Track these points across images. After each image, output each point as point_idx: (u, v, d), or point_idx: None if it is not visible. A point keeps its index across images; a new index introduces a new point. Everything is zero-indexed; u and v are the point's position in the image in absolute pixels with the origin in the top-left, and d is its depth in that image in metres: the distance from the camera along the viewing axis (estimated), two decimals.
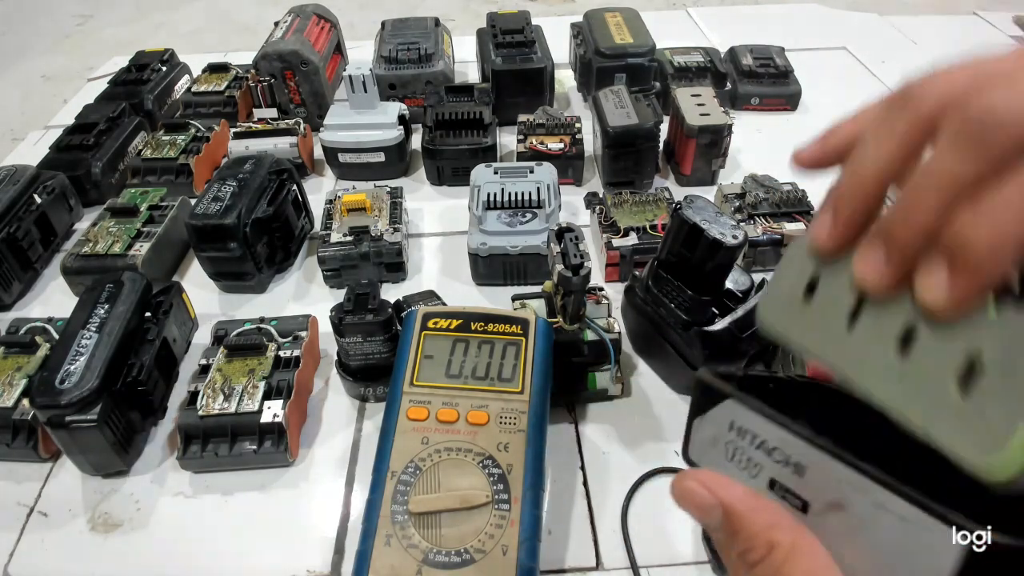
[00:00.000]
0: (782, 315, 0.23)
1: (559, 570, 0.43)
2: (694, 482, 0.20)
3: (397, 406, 0.42)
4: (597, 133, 0.74)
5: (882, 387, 0.19)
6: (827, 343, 0.21)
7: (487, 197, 0.64)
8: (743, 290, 0.50)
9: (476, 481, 0.39)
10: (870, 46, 1.05)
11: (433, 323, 0.45)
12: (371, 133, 0.76)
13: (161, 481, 0.49)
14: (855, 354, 0.20)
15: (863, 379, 0.20)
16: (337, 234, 0.63)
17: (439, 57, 0.87)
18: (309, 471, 0.50)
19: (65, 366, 0.46)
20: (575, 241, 0.47)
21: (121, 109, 0.80)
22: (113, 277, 0.53)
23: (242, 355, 0.52)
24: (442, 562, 0.36)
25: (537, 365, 0.44)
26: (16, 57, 1.22)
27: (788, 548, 0.19)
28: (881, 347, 0.19)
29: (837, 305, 0.21)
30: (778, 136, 0.85)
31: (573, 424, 0.52)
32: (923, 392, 0.19)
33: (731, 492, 0.20)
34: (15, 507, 0.48)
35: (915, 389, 0.19)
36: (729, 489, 0.20)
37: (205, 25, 1.32)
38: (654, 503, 0.47)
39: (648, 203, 0.66)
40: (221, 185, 0.63)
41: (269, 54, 0.81)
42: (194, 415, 0.48)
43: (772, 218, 0.63)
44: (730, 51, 0.93)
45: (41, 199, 0.67)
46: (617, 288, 0.60)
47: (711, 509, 0.20)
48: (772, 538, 0.19)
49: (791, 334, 0.22)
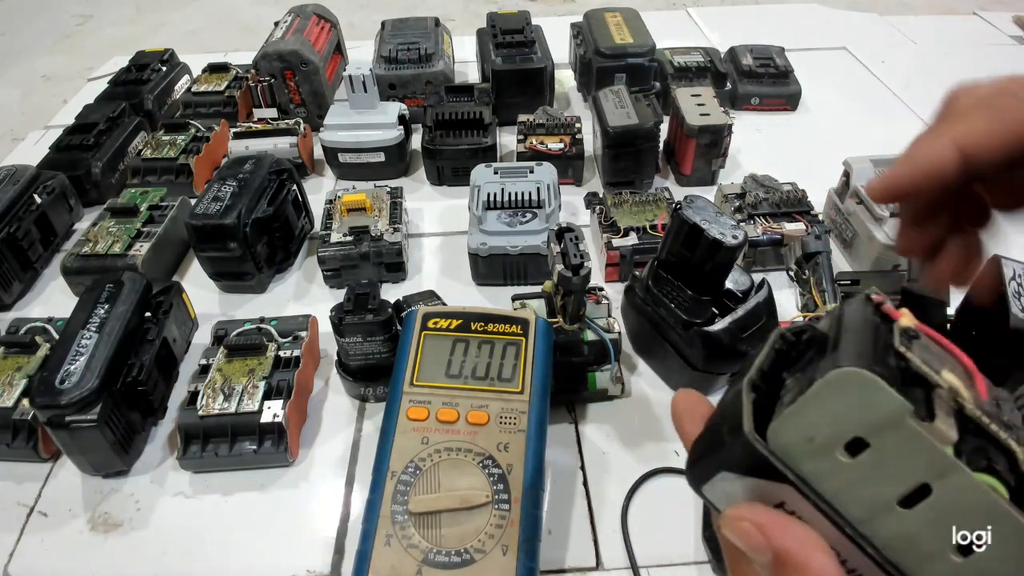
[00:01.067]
0: (802, 449, 0.18)
1: (559, 570, 0.43)
2: (748, 523, 0.19)
3: (397, 406, 0.42)
4: (597, 133, 0.74)
5: (880, 530, 0.18)
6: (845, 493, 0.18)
7: (487, 197, 0.64)
8: (743, 290, 0.50)
9: (476, 481, 0.39)
10: (870, 46, 1.05)
11: (433, 323, 0.45)
12: (371, 133, 0.76)
13: (161, 481, 0.49)
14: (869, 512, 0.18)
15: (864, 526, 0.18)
16: (337, 234, 0.63)
17: (439, 57, 0.87)
18: (309, 471, 0.50)
19: (65, 366, 0.46)
20: (575, 241, 0.47)
21: (121, 109, 0.80)
22: (113, 277, 0.53)
23: (242, 355, 0.52)
24: (442, 562, 0.36)
25: (537, 365, 0.44)
26: (16, 57, 1.22)
27: None
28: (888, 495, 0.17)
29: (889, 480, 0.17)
30: (778, 136, 0.85)
31: (573, 424, 0.52)
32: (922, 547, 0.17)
33: (785, 539, 0.18)
34: (15, 507, 0.48)
35: (915, 543, 0.17)
36: (784, 535, 0.18)
37: (205, 25, 1.32)
38: (654, 503, 0.47)
39: (648, 203, 0.66)
40: (221, 185, 0.63)
41: (269, 54, 0.81)
42: (194, 415, 0.48)
43: (772, 218, 0.63)
44: (730, 51, 0.93)
45: (41, 199, 0.67)
46: (617, 288, 0.60)
47: (760, 551, 0.19)
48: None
49: (802, 466, 0.18)
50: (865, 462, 0.17)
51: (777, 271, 0.64)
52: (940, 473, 0.16)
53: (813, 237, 0.61)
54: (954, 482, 0.16)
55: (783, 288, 0.62)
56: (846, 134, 0.84)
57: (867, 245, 0.61)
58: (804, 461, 0.18)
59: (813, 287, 0.58)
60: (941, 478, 0.16)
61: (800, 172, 0.68)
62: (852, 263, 0.65)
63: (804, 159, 0.78)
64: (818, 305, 0.57)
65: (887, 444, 0.17)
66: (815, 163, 0.71)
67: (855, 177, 0.64)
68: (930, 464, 0.16)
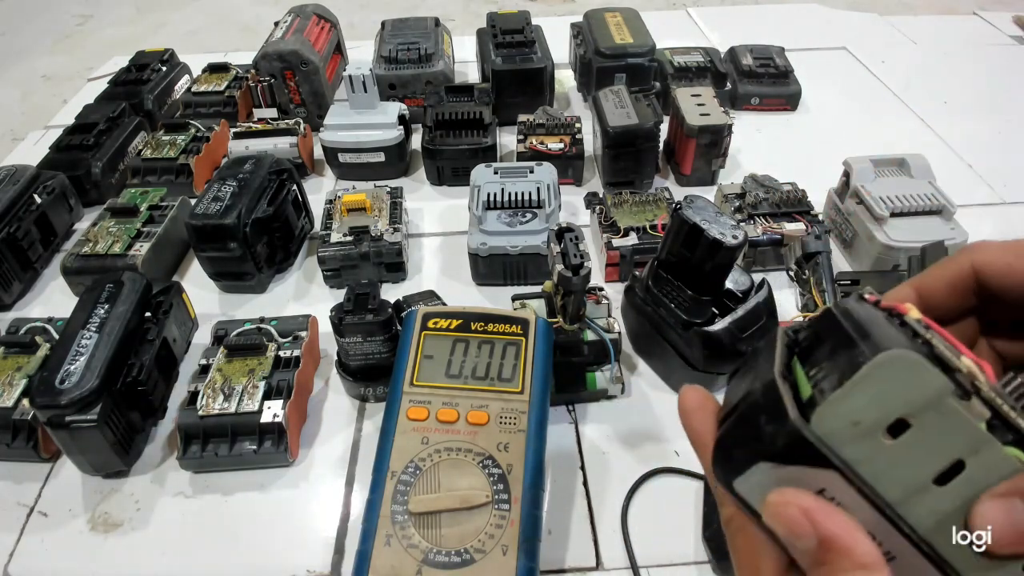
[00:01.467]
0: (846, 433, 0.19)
1: (559, 570, 0.43)
2: (795, 508, 0.19)
3: (397, 406, 0.42)
4: (597, 133, 0.74)
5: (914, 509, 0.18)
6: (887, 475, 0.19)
7: (487, 197, 0.64)
8: (743, 290, 0.50)
9: (476, 481, 0.39)
10: (870, 46, 1.05)
11: (433, 323, 0.45)
12: (371, 133, 0.76)
13: (161, 481, 0.49)
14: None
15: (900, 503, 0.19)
16: (337, 234, 0.63)
17: (439, 57, 0.87)
18: (309, 471, 0.50)
19: (65, 366, 0.46)
20: (575, 241, 0.47)
21: (121, 109, 0.80)
22: (113, 277, 0.53)
23: (242, 355, 0.52)
24: (442, 562, 0.36)
25: (537, 365, 0.44)
26: (16, 57, 1.22)
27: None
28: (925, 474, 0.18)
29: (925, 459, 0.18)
30: (778, 136, 0.85)
31: (573, 424, 0.52)
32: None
33: (832, 525, 0.19)
34: (15, 507, 0.48)
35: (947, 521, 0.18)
36: (830, 521, 0.19)
37: (205, 25, 1.32)
38: (654, 503, 0.47)
39: (648, 203, 0.66)
40: (221, 185, 0.63)
41: (269, 54, 0.81)
42: (194, 415, 0.48)
43: (772, 218, 0.63)
44: (730, 51, 0.93)
45: (41, 199, 0.67)
46: (617, 288, 0.60)
47: (806, 538, 0.19)
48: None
49: (844, 450, 0.19)
50: (905, 443, 0.18)
51: (777, 271, 0.64)
52: (975, 448, 0.17)
53: (813, 237, 0.61)
54: (986, 457, 0.17)
55: (783, 288, 0.62)
56: (846, 134, 0.84)
57: (867, 245, 0.61)
58: (847, 445, 0.18)
59: (813, 287, 0.58)
60: (975, 454, 0.17)
61: (800, 172, 0.69)
62: (852, 263, 0.65)
63: (804, 159, 0.78)
64: (818, 305, 0.57)
65: (928, 423, 0.18)
66: (815, 163, 0.71)
67: (855, 177, 0.64)
68: (967, 441, 0.17)
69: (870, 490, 0.18)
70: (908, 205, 0.61)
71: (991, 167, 0.78)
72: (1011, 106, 0.89)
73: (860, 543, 0.19)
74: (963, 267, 0.24)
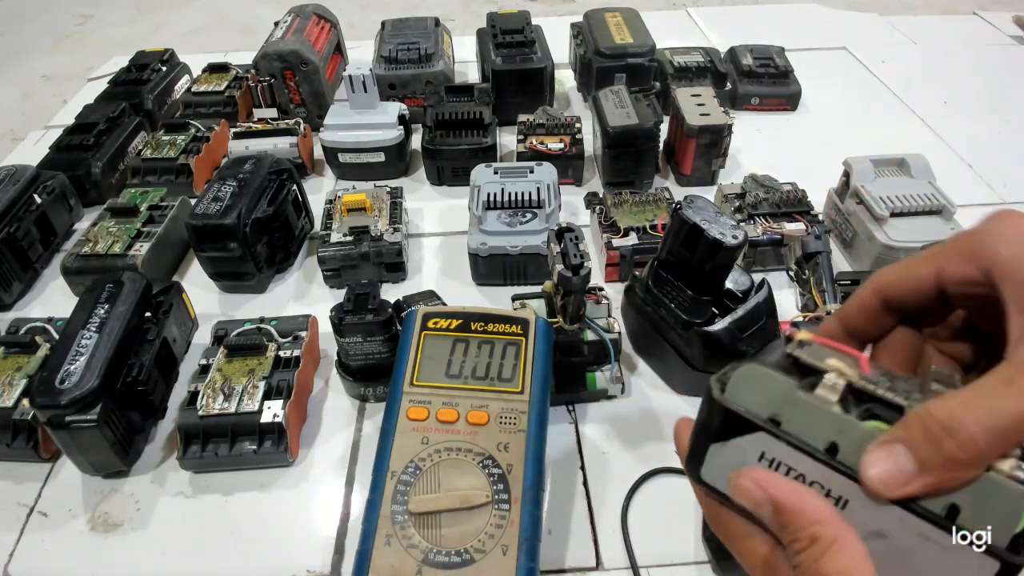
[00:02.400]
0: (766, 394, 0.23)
1: (559, 570, 0.43)
2: (748, 480, 0.22)
3: (397, 406, 0.42)
4: (597, 133, 0.74)
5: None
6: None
7: (487, 197, 0.64)
8: (743, 290, 0.50)
9: (476, 481, 0.39)
10: (870, 46, 1.05)
11: (433, 323, 0.45)
12: (371, 133, 0.76)
13: (161, 481, 0.49)
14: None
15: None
16: (337, 234, 0.63)
17: (439, 57, 0.87)
18: (309, 471, 0.50)
19: (65, 366, 0.46)
20: (575, 241, 0.47)
21: (121, 109, 0.80)
22: (113, 277, 0.53)
23: (242, 355, 0.52)
24: (442, 562, 0.36)
25: (537, 365, 0.44)
26: (16, 57, 1.22)
27: (828, 542, 0.21)
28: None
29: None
30: (778, 136, 0.85)
31: (573, 424, 0.52)
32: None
33: (780, 489, 0.22)
34: (15, 507, 0.48)
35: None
36: (779, 486, 0.22)
37: (205, 25, 1.32)
38: (654, 503, 0.47)
39: (648, 203, 0.66)
40: (221, 185, 0.63)
41: (269, 54, 0.81)
42: (194, 415, 0.48)
43: (772, 218, 0.63)
44: (730, 51, 0.93)
45: (41, 199, 0.67)
46: (617, 288, 0.60)
47: (763, 504, 0.22)
48: (815, 532, 0.21)
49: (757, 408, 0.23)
50: (788, 426, 0.22)
51: (777, 271, 0.64)
52: (839, 430, 0.21)
53: (813, 237, 0.61)
54: (851, 434, 0.21)
55: (783, 288, 0.62)
56: (846, 134, 0.84)
57: (867, 245, 0.61)
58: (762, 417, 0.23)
59: (813, 287, 0.58)
60: (840, 434, 0.21)
61: (800, 172, 0.68)
62: (852, 263, 0.65)
63: (804, 159, 0.78)
64: (818, 305, 0.57)
65: (793, 417, 0.22)
66: (815, 163, 0.71)
67: (855, 177, 0.64)
68: (829, 425, 0.21)
69: (797, 440, 0.22)
70: (908, 205, 0.61)
71: (991, 167, 0.78)
72: (1011, 106, 0.89)
73: (809, 500, 0.21)
74: (867, 293, 0.27)
